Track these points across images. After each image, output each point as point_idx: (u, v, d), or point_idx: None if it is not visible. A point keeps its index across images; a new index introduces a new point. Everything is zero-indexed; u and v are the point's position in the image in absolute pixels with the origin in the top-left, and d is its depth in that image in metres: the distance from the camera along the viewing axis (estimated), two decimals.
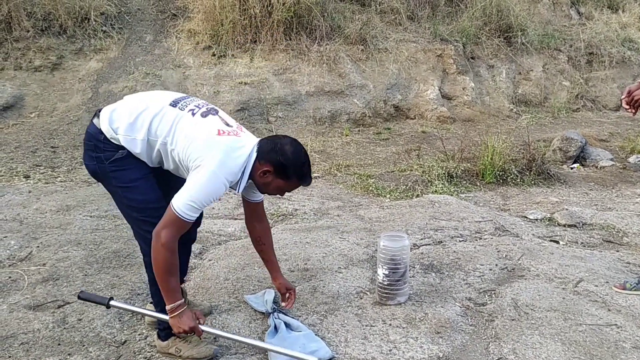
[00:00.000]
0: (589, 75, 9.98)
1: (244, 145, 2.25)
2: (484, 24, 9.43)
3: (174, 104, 2.29)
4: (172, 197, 2.16)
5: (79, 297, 2.42)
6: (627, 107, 2.84)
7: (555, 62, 9.88)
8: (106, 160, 2.25)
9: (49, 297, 2.98)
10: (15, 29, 7.48)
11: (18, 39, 7.47)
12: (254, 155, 2.27)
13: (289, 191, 2.43)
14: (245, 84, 7.56)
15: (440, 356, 2.44)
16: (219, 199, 2.25)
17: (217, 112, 2.33)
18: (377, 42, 8.68)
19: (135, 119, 2.22)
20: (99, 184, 2.48)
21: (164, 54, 7.99)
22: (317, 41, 8.25)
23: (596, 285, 3.14)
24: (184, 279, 2.71)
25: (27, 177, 5.40)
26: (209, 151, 2.14)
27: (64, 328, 2.68)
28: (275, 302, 2.83)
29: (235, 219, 4.35)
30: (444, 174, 5.67)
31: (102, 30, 7.96)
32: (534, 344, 2.53)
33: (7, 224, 4.07)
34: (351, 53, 8.41)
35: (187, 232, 2.27)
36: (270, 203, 4.67)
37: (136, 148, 2.23)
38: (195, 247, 3.38)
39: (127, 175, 2.26)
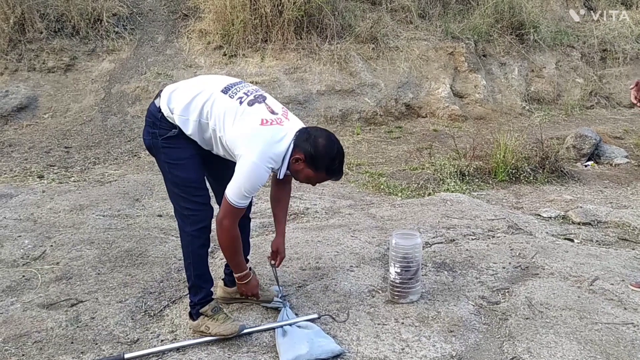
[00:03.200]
0: (603, 72, 9.86)
1: (286, 134, 2.37)
2: (496, 21, 9.36)
3: (225, 90, 2.42)
4: (216, 180, 2.51)
5: None
6: (636, 101, 2.81)
7: (569, 59, 9.78)
8: (160, 136, 2.43)
9: (62, 295, 2.99)
10: (28, 30, 7.56)
11: (31, 40, 7.55)
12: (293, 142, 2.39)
13: (318, 182, 2.55)
14: (257, 83, 7.56)
15: (454, 355, 2.42)
16: (265, 184, 2.40)
17: (264, 99, 2.44)
18: (388, 41, 8.65)
19: (190, 101, 2.38)
20: (111, 183, 2.53)
21: (176, 54, 8.03)
22: (327, 40, 8.24)
23: (612, 284, 3.10)
24: (247, 257, 2.84)
25: (40, 177, 5.45)
26: (250, 142, 2.29)
27: (77, 326, 2.69)
28: (283, 296, 2.84)
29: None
30: (456, 172, 5.63)
31: (114, 31, 8.02)
32: (549, 343, 2.50)
33: (21, 223, 4.10)
34: (362, 52, 8.40)
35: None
36: None
37: (188, 129, 2.39)
38: None
39: (176, 153, 2.44)
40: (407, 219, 4.30)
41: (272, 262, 2.84)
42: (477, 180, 5.62)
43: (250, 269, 2.73)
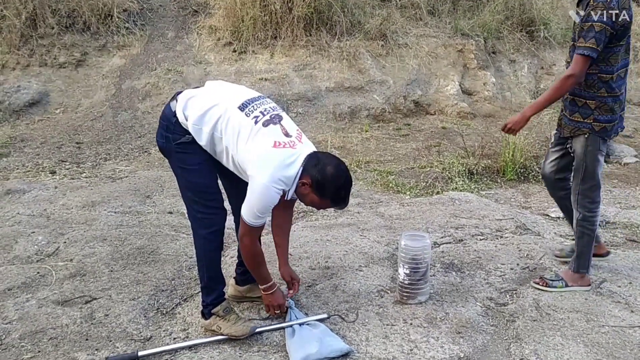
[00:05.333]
0: None
1: (297, 158, 2.39)
2: (506, 18, 9.32)
3: (242, 107, 2.42)
4: (229, 182, 2.58)
5: None
6: None
7: None
8: (173, 141, 2.46)
9: (77, 292, 3.05)
10: (40, 25, 7.60)
11: (43, 36, 7.60)
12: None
13: (322, 208, 2.58)
14: (266, 79, 7.60)
15: (461, 356, 2.46)
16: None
17: (280, 120, 2.44)
18: (398, 38, 8.64)
19: (205, 112, 2.40)
20: (122, 180, 2.58)
21: (186, 50, 8.06)
22: (337, 37, 8.24)
23: (619, 286, 3.12)
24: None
25: (53, 172, 5.51)
26: (262, 164, 2.32)
27: (92, 323, 2.75)
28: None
29: None
30: (465, 170, 5.64)
31: (125, 26, 8.06)
32: (556, 345, 2.53)
33: (34, 219, 4.16)
34: (371, 48, 8.39)
35: None
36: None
37: (201, 139, 2.42)
38: None
39: (188, 159, 2.47)
40: (416, 218, 4.33)
41: (288, 292, 2.83)
42: (485, 179, 5.63)
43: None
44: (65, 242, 3.74)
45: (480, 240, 3.88)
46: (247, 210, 2.37)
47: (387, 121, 7.86)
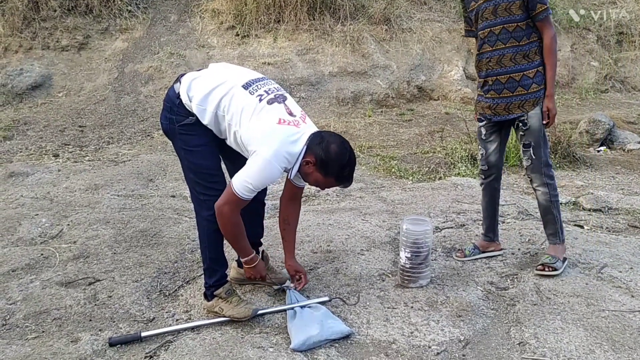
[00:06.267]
0: (619, 56, 9.74)
1: (301, 137, 2.38)
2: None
3: (246, 85, 2.43)
4: (232, 165, 2.49)
5: (110, 345, 2.42)
6: None
7: (584, 41, 9.66)
8: (177, 122, 2.46)
9: (80, 274, 3.07)
10: (42, 8, 7.59)
11: (45, 19, 7.59)
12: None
13: (327, 187, 2.56)
14: (269, 64, 7.58)
15: (461, 339, 2.47)
16: (275, 182, 2.44)
17: (284, 100, 2.44)
18: (401, 22, 8.59)
19: (210, 92, 2.40)
20: (125, 163, 2.58)
21: (188, 33, 8.03)
22: (340, 21, 8.20)
23: (620, 271, 3.12)
24: (260, 240, 2.95)
25: (56, 155, 5.52)
26: (266, 140, 2.30)
27: (95, 304, 2.77)
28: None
29: None
30: (467, 156, 5.64)
31: (127, 9, 8.03)
32: (556, 329, 2.54)
33: (38, 202, 4.19)
34: (375, 33, 8.35)
35: (254, 200, 2.49)
36: None
37: (205, 119, 2.42)
38: None
39: (191, 140, 2.47)
40: (418, 203, 4.33)
41: (292, 285, 2.82)
42: None
43: (263, 251, 2.79)
44: (68, 225, 3.76)
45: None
46: (240, 181, 2.32)
47: (391, 106, 7.85)
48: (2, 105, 6.88)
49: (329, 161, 2.38)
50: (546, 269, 3.03)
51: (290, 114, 2.41)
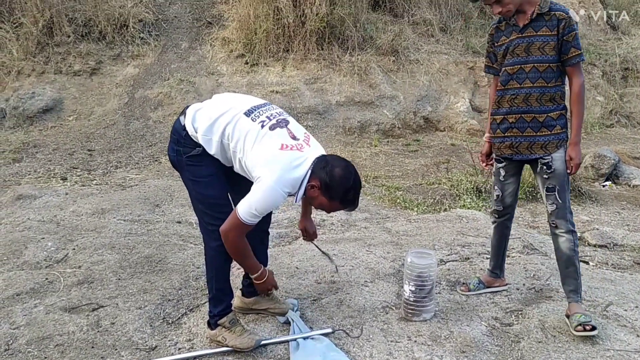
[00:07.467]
0: (624, 91, 9.81)
1: (304, 161, 2.40)
2: None
3: (248, 112, 2.47)
4: (239, 195, 2.44)
5: None
6: None
7: (590, 76, 9.74)
8: (184, 154, 2.50)
9: (84, 299, 3.08)
10: (56, 34, 7.74)
11: (59, 44, 7.73)
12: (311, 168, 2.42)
13: (332, 211, 2.56)
14: (277, 92, 7.67)
15: None
16: (280, 210, 2.47)
17: (286, 124, 2.47)
18: (409, 54, 8.70)
19: (214, 121, 2.43)
20: (132, 188, 2.61)
21: (199, 61, 8.16)
22: (348, 51, 8.32)
23: (625, 310, 3.10)
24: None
25: (64, 179, 5.57)
26: (269, 166, 2.33)
27: (98, 331, 2.77)
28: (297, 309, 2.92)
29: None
30: (472, 188, 5.65)
31: (139, 36, 8.18)
32: None
33: (44, 225, 4.21)
34: (382, 64, 8.46)
35: (259, 230, 2.57)
36: (298, 213, 4.73)
37: (211, 148, 2.45)
38: None
39: (199, 171, 2.51)
40: (423, 234, 4.33)
41: (295, 311, 2.87)
42: None
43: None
44: (74, 249, 3.78)
45: (487, 258, 3.85)
46: (245, 206, 2.34)
47: (397, 136, 7.90)
48: (13, 128, 6.98)
49: (333, 185, 2.38)
50: (586, 328, 2.74)
51: (294, 137, 2.43)
